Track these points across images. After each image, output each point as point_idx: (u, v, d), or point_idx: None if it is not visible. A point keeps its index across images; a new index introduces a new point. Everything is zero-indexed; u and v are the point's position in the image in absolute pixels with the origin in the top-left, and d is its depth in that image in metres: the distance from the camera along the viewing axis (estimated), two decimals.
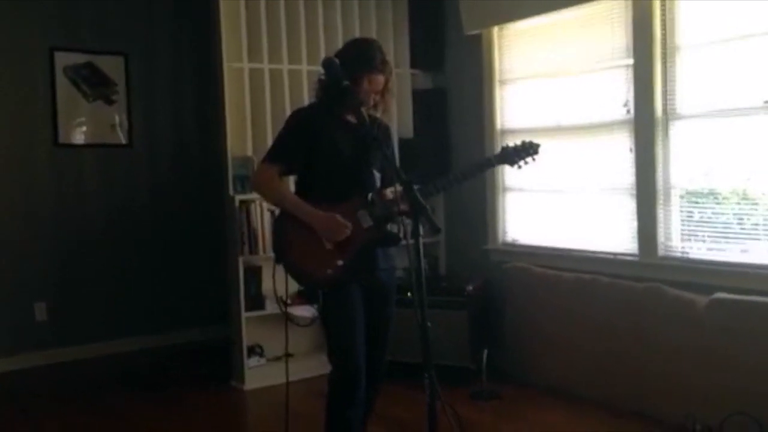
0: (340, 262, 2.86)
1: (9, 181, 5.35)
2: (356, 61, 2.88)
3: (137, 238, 5.81)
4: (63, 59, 5.50)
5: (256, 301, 4.69)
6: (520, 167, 3.13)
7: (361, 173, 2.95)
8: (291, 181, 3.39)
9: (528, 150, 3.11)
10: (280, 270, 2.97)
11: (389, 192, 3.00)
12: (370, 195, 2.90)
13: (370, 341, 2.95)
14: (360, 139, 2.90)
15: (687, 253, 4.02)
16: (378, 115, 3.05)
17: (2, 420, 4.31)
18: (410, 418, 3.89)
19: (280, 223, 3.02)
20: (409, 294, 3.97)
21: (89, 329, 5.58)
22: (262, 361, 4.79)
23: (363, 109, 2.83)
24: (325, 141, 2.91)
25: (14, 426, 4.23)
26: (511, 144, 3.15)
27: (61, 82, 5.50)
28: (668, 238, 4.09)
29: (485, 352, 4.42)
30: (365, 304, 2.94)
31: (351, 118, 2.90)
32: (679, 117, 4.01)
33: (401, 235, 2.94)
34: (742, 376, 3.48)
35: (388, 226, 2.98)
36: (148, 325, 5.77)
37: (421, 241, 2.51)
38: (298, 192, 3.01)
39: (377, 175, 2.99)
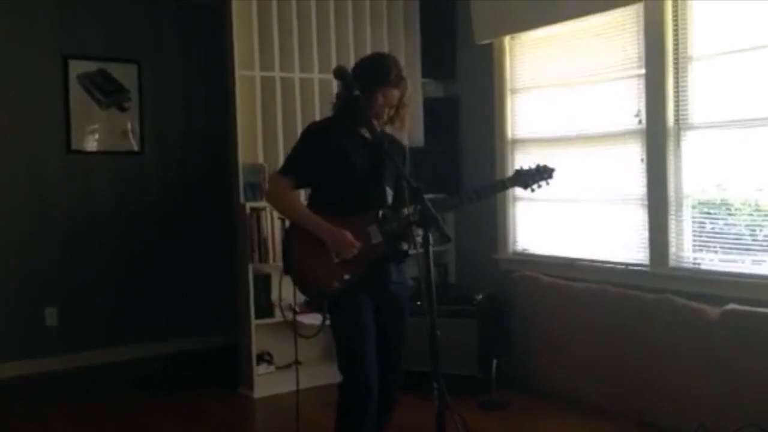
0: (346, 276, 2.86)
1: (22, 187, 5.38)
2: (371, 74, 2.88)
3: (148, 245, 5.82)
4: (76, 67, 5.53)
5: (265, 308, 4.69)
6: (533, 190, 3.11)
7: (374, 188, 2.94)
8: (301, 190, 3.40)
9: (542, 174, 3.09)
10: (287, 279, 2.98)
11: (404, 211, 2.98)
12: (381, 211, 2.90)
13: (384, 354, 2.94)
14: (373, 153, 2.90)
15: (699, 264, 4.00)
16: (396, 126, 3.03)
17: (13, 424, 4.33)
18: (419, 427, 3.88)
19: (290, 235, 3.02)
20: (418, 303, 3.97)
21: (99, 334, 5.59)
22: (271, 368, 4.79)
23: (375, 121, 2.82)
24: (338, 155, 2.91)
25: (25, 431, 4.24)
26: (525, 167, 3.12)
27: (75, 89, 5.54)
28: (680, 248, 4.07)
29: (495, 361, 4.41)
30: (377, 317, 2.93)
31: (365, 133, 2.89)
32: (691, 127, 3.99)
33: (411, 246, 2.93)
34: (754, 388, 3.45)
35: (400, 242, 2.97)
36: (158, 330, 5.79)
37: (432, 249, 2.51)
38: (310, 205, 3.01)
39: (389, 192, 2.99)
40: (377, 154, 2.89)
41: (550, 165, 3.11)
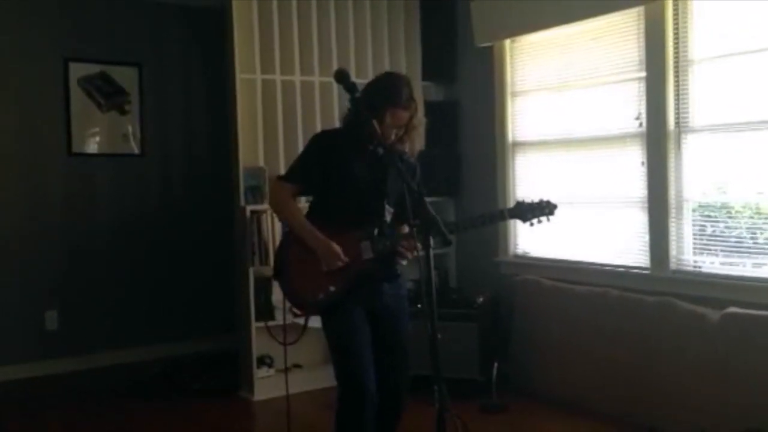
0: (332, 288, 2.87)
1: (23, 190, 5.38)
2: (381, 93, 2.86)
3: (148, 248, 5.83)
4: (77, 70, 5.54)
5: (265, 311, 4.69)
6: (532, 225, 3.02)
7: (374, 203, 2.93)
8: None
9: (543, 209, 3.00)
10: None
11: (405, 228, 2.96)
12: (376, 229, 2.89)
13: (385, 364, 2.94)
14: (378, 168, 2.88)
15: (699, 267, 4.00)
16: (405, 149, 2.99)
17: (13, 428, 4.32)
18: (420, 431, 3.87)
19: (285, 242, 3.05)
20: (419, 305, 3.97)
21: (99, 338, 5.59)
22: (271, 371, 4.78)
23: (375, 123, 2.80)
24: (342, 166, 2.90)
25: None
26: (527, 200, 3.04)
27: (75, 92, 5.54)
28: (680, 251, 4.07)
29: (495, 364, 4.40)
30: (372, 327, 2.94)
31: (372, 147, 2.84)
32: (692, 130, 3.99)
33: (402, 265, 2.96)
34: (755, 391, 3.45)
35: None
36: (158, 334, 5.78)
37: (432, 253, 2.50)
38: (309, 214, 3.01)
39: (389, 210, 2.97)
40: (382, 169, 2.87)
41: (553, 201, 3.01)
